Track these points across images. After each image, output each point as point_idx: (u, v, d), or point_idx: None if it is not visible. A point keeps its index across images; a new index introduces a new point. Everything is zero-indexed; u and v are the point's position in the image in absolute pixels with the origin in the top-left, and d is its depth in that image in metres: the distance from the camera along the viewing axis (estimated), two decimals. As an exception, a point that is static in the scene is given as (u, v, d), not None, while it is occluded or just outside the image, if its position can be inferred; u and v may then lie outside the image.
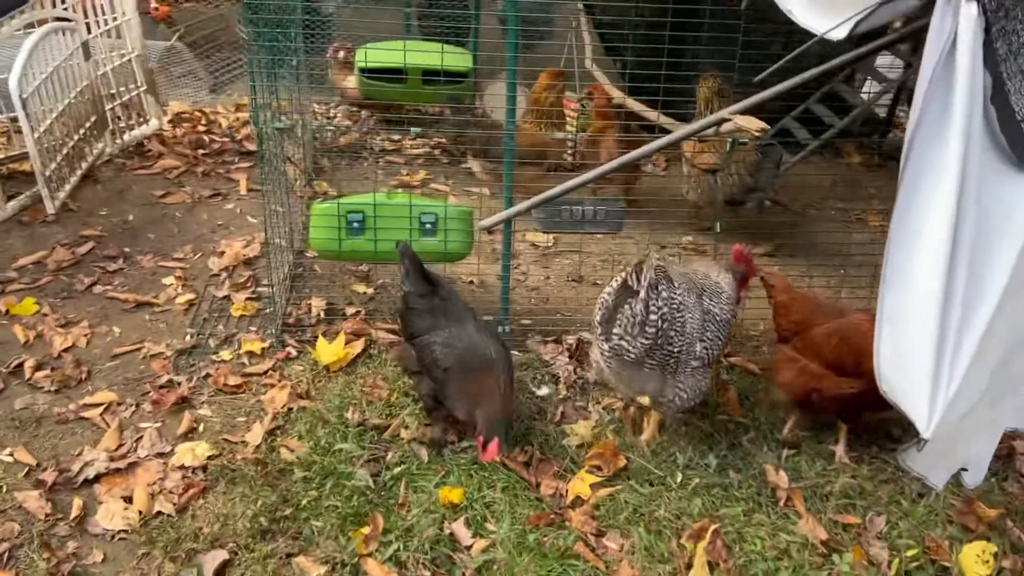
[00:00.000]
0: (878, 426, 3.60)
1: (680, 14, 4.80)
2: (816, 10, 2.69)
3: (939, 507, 3.18)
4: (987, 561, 2.90)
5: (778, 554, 2.97)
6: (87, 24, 5.44)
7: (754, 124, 3.18)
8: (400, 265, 3.50)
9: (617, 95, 5.01)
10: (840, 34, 2.58)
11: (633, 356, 3.16)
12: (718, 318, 3.32)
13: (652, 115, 4.50)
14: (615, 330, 3.15)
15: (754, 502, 3.21)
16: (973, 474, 3.22)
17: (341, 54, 6.25)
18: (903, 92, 6.48)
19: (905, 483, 3.30)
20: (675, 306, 3.14)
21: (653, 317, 3.07)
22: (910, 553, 2.95)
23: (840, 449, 3.44)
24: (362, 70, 5.46)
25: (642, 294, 3.04)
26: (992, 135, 2.48)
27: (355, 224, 3.90)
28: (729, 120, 3.32)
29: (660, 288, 3.05)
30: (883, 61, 6.11)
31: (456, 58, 5.62)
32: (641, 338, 3.09)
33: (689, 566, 2.90)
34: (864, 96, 6.01)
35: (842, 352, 3.19)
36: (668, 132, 4.22)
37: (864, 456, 3.45)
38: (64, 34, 5.07)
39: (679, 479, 3.30)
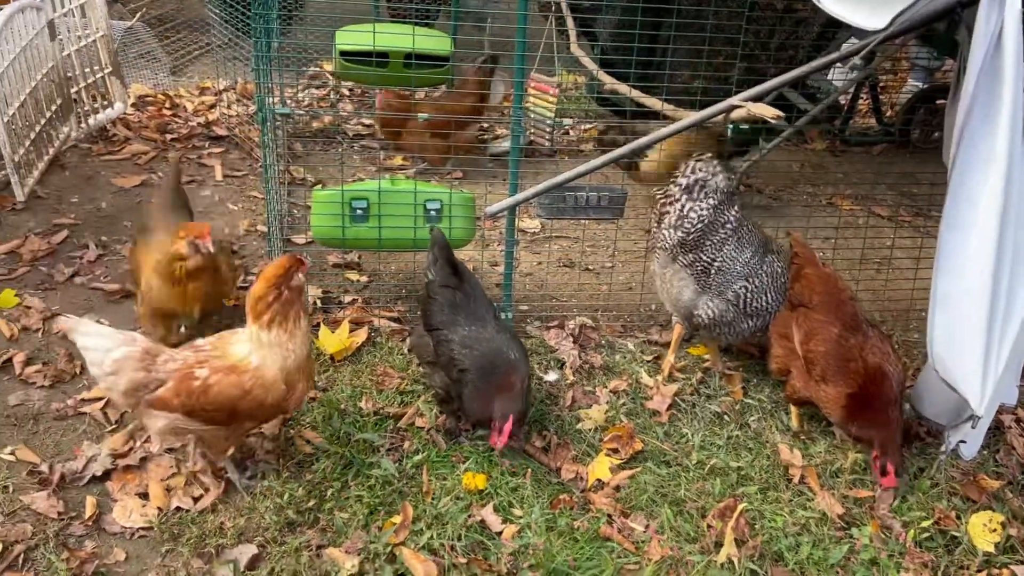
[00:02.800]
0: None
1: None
2: (847, 0, 2.76)
3: (941, 480, 3.32)
4: (994, 530, 3.05)
5: (799, 529, 3.07)
6: (52, 2, 5.19)
7: (768, 111, 3.25)
8: (429, 252, 3.45)
9: (609, 80, 5.03)
10: (878, 25, 2.65)
11: (668, 248, 3.67)
12: (779, 280, 3.64)
13: (655, 103, 4.53)
14: (664, 221, 3.70)
15: (769, 480, 3.30)
16: (970, 446, 3.38)
17: None
18: (866, 80, 6.66)
19: (906, 458, 3.44)
20: (722, 221, 3.59)
21: (692, 216, 3.58)
22: (924, 524, 3.08)
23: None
24: (342, 53, 5.35)
25: (685, 182, 3.62)
26: (1028, 123, 2.59)
27: (359, 211, 3.85)
28: (740, 107, 3.38)
29: (707, 185, 3.57)
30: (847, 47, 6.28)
31: (436, 41, 5.56)
32: (679, 231, 3.61)
33: (718, 544, 2.97)
34: (835, 83, 6.16)
35: (819, 361, 3.34)
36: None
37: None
38: (30, 13, 4.84)
39: (694, 460, 3.37)
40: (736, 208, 3.65)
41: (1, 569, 2.77)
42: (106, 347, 2.85)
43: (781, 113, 3.22)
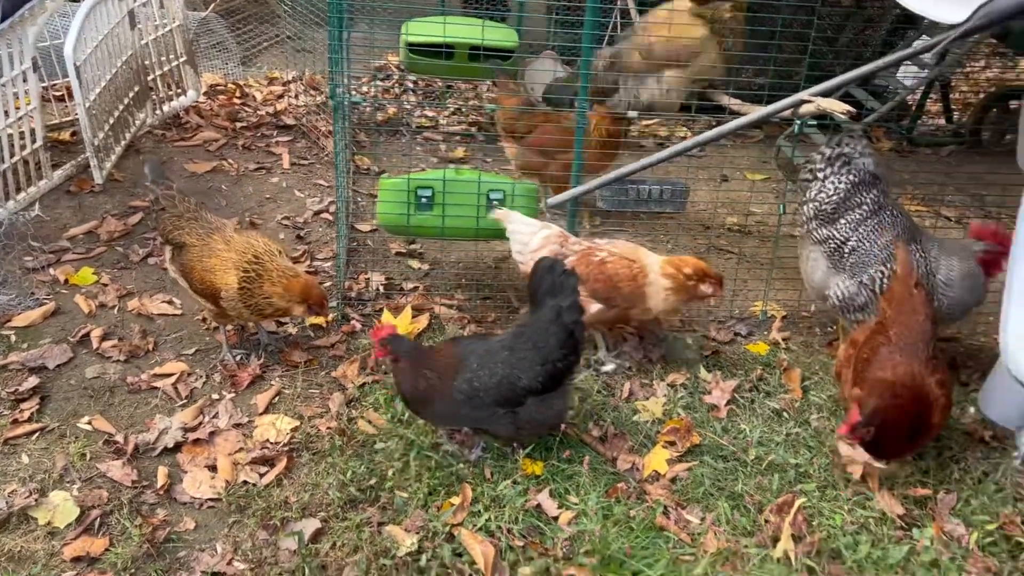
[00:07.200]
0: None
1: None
2: (927, -6, 2.72)
3: (1007, 485, 3.25)
4: (1062, 537, 2.98)
5: (857, 528, 3.04)
6: (132, -8, 5.37)
7: (838, 107, 3.22)
8: None
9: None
10: (958, 18, 2.61)
11: (803, 219, 3.78)
12: (920, 270, 3.54)
13: (720, 98, 4.52)
14: (805, 194, 3.78)
15: (828, 479, 3.27)
16: (1042, 450, 3.31)
17: None
18: (936, 79, 6.52)
19: (970, 462, 3.38)
20: (859, 201, 3.63)
21: (829, 187, 3.66)
22: (988, 528, 3.02)
23: None
24: (409, 45, 5.44)
25: (829, 153, 3.67)
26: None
27: (424, 199, 3.92)
28: (810, 102, 3.36)
29: (852, 162, 3.63)
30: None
31: (502, 34, 5.61)
32: (813, 203, 3.70)
33: (774, 539, 2.96)
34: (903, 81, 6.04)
35: (859, 369, 3.27)
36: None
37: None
38: (112, 2, 5.02)
39: (752, 455, 3.36)
40: (877, 191, 3.66)
41: (78, 532, 2.91)
42: (532, 231, 3.75)
43: (852, 109, 3.19)
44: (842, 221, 3.66)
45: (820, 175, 3.73)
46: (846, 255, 3.66)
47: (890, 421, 3.05)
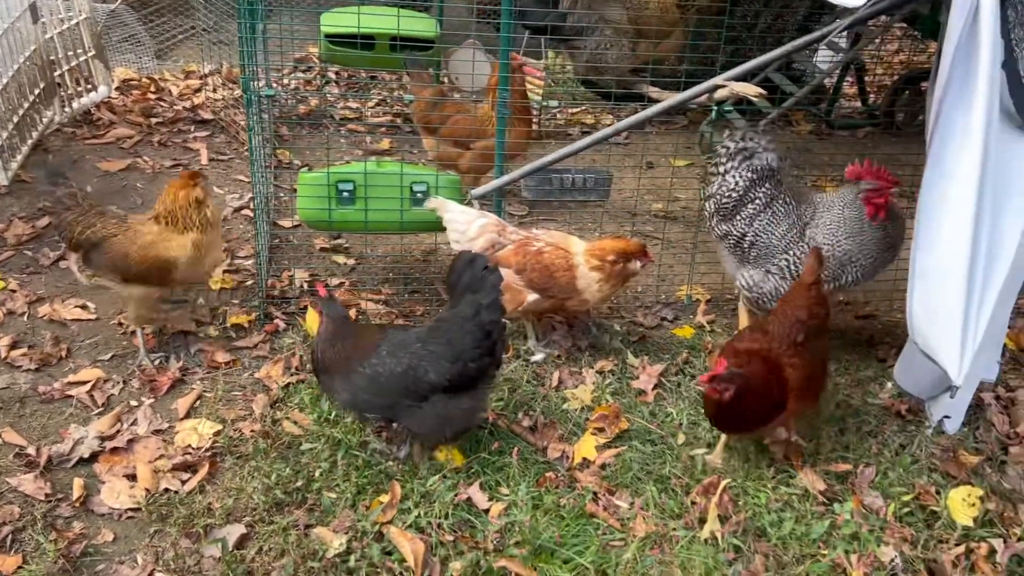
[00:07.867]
0: (857, 384, 3.79)
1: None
2: (830, -20, 2.78)
3: (922, 456, 3.36)
4: (973, 504, 3.09)
5: (781, 506, 3.11)
6: (33, -15, 5.13)
7: (751, 90, 3.27)
8: None
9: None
10: (859, 3, 2.67)
11: (707, 215, 3.78)
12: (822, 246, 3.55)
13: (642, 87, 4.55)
14: (709, 189, 3.76)
15: (752, 458, 3.33)
16: (954, 421, 3.43)
17: None
18: (851, 63, 6.68)
19: (888, 436, 3.48)
20: (752, 196, 3.63)
21: (729, 180, 3.64)
22: (904, 499, 3.12)
23: None
24: (328, 36, 5.33)
25: (733, 147, 3.62)
26: (1002, 99, 2.63)
27: (345, 193, 3.85)
28: (724, 87, 3.40)
29: (752, 157, 3.59)
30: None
31: (422, 24, 5.54)
32: (712, 199, 3.68)
33: (701, 520, 3.01)
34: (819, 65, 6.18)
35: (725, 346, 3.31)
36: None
37: (847, 409, 3.61)
38: (12, -5, 4.80)
39: (680, 439, 3.40)
40: (769, 184, 3.64)
41: (-11, 550, 2.79)
42: (469, 220, 3.68)
43: (764, 91, 3.25)
44: (739, 216, 3.67)
45: (721, 169, 3.70)
46: (747, 249, 3.68)
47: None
